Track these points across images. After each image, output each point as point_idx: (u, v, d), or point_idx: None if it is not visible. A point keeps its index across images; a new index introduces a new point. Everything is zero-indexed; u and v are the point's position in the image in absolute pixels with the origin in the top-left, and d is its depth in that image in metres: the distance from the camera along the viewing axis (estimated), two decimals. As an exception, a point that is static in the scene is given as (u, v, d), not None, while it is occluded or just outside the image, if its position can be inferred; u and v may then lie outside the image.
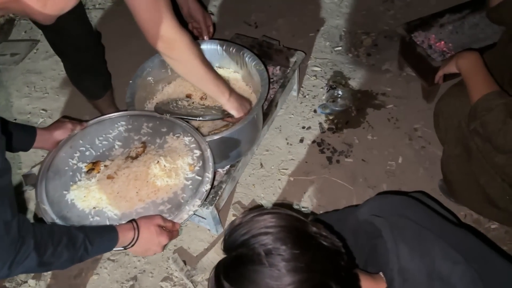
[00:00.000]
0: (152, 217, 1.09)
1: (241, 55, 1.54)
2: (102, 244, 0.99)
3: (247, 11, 2.33)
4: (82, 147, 1.28)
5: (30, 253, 0.83)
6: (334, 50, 2.09)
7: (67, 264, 0.93)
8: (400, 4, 2.26)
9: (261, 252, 0.65)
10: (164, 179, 1.18)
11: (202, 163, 1.23)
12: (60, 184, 1.20)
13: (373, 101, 1.88)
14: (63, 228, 0.95)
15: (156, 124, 1.33)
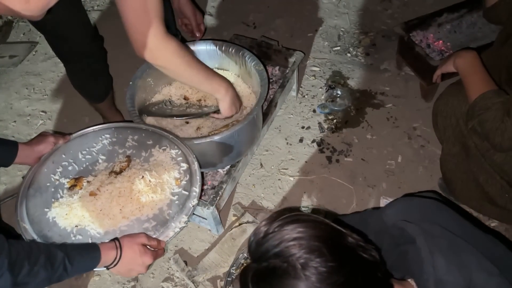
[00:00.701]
0: (136, 235, 1.05)
1: (241, 56, 1.54)
2: (83, 264, 0.95)
3: (245, 12, 2.33)
4: (65, 162, 1.24)
5: (3, 273, 0.80)
6: (333, 50, 2.10)
7: (45, 283, 0.89)
8: (398, 4, 2.27)
9: (296, 265, 0.62)
10: (149, 195, 1.13)
11: (189, 176, 1.19)
12: (41, 202, 1.16)
13: (372, 101, 1.89)
14: (42, 247, 0.90)
15: (142, 137, 1.29)
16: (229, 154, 1.44)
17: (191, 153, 1.25)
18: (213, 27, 2.28)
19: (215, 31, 2.25)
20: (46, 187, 1.19)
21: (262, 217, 1.57)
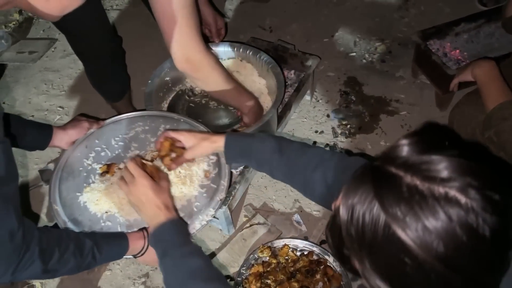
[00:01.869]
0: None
1: (258, 58, 1.56)
2: (111, 253, 0.97)
3: (262, 16, 2.35)
4: (98, 147, 1.26)
5: (34, 260, 0.82)
6: (348, 55, 2.11)
7: (73, 271, 0.92)
8: (415, 12, 2.27)
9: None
10: (178, 186, 1.14)
11: (218, 169, 1.19)
12: (73, 185, 1.18)
13: (386, 107, 1.89)
14: (72, 235, 0.93)
15: (173, 126, 1.30)
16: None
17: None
18: (230, 29, 2.30)
19: (231, 33, 2.27)
20: (78, 172, 1.21)
21: (273, 219, 1.58)
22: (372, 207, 0.53)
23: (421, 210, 0.49)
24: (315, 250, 1.41)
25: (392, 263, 0.52)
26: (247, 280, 1.36)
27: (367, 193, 0.54)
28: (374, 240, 0.53)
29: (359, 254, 0.56)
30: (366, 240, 0.54)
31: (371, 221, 0.53)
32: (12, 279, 0.81)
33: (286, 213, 1.61)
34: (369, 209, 0.53)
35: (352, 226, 0.55)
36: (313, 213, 1.60)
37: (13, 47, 2.36)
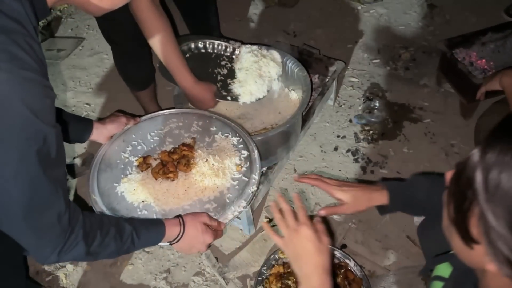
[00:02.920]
0: (198, 214, 1.09)
1: (284, 61, 1.58)
2: (149, 238, 0.99)
3: (286, 20, 2.37)
4: (135, 142, 1.30)
5: (78, 242, 0.85)
6: (372, 62, 2.11)
7: (113, 255, 0.94)
8: (440, 21, 2.27)
9: None
10: (211, 178, 1.18)
11: (249, 164, 1.22)
12: (111, 176, 1.22)
13: (410, 115, 1.89)
14: (112, 220, 0.95)
15: (206, 123, 1.35)
16: (268, 155, 1.47)
17: (252, 141, 1.29)
18: (255, 33, 2.33)
19: (256, 37, 2.30)
20: (116, 164, 1.25)
21: (294, 221, 1.58)
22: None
23: None
24: (336, 254, 1.41)
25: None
26: (268, 280, 1.37)
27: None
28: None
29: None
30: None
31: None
32: (58, 259, 0.84)
33: (307, 215, 1.61)
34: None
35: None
36: (334, 217, 1.60)
37: (42, 45, 2.42)
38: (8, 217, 0.76)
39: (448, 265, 0.84)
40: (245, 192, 1.17)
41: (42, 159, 0.72)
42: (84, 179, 1.80)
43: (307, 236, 0.89)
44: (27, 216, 0.76)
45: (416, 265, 1.43)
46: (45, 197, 0.77)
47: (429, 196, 0.98)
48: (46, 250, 0.82)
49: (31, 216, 0.76)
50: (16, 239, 0.81)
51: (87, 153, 1.88)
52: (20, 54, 0.67)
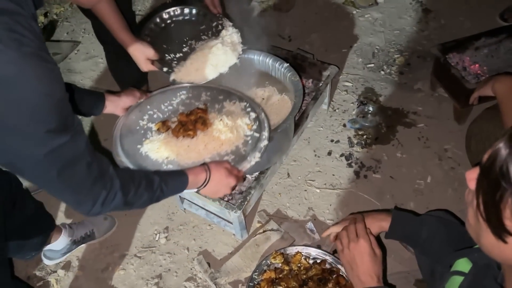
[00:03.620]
0: (221, 161, 1.22)
1: (277, 66, 1.58)
2: (175, 186, 1.10)
3: (281, 25, 2.37)
4: (150, 111, 1.40)
5: (117, 193, 0.93)
6: (367, 66, 2.11)
7: (146, 203, 1.05)
8: (434, 25, 2.27)
9: None
10: (227, 134, 1.30)
11: (258, 123, 1.34)
12: (133, 140, 1.32)
13: (403, 119, 1.88)
14: (141, 173, 1.06)
15: (214, 93, 1.45)
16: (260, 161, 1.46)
17: (258, 106, 1.40)
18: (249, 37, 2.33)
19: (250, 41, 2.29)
20: (136, 130, 1.35)
21: (287, 226, 1.58)
22: None
23: None
24: (328, 259, 1.41)
25: None
26: (259, 285, 1.36)
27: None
28: None
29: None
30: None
31: None
32: (101, 210, 0.92)
33: (299, 220, 1.61)
34: None
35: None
36: (327, 222, 1.60)
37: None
38: (46, 182, 0.84)
39: (467, 261, 0.88)
40: (258, 146, 1.29)
41: (60, 123, 0.77)
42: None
43: (365, 247, 1.04)
44: (60, 177, 0.82)
45: (409, 271, 1.43)
46: (70, 155, 0.82)
47: (433, 238, 1.09)
48: (88, 203, 0.90)
49: (63, 176, 0.83)
50: (60, 199, 0.94)
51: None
52: (26, 33, 0.71)
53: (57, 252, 1.52)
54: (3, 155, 0.78)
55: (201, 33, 1.57)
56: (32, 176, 0.84)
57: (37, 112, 0.73)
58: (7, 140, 0.74)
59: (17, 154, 0.77)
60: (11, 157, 0.78)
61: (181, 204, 1.63)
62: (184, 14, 1.62)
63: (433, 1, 2.38)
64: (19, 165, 0.80)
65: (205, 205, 1.52)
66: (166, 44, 1.53)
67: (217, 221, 1.57)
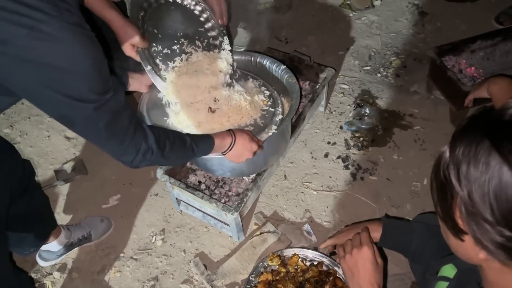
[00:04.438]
0: (243, 129, 1.34)
1: (274, 68, 1.58)
2: (204, 147, 1.19)
3: (278, 27, 2.38)
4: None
5: (154, 145, 1.02)
6: (363, 69, 2.12)
7: (179, 160, 1.20)
8: (430, 28, 2.28)
9: None
10: (247, 108, 1.42)
11: (272, 99, 1.49)
12: (159, 113, 1.42)
13: (400, 122, 1.89)
14: (174, 132, 1.15)
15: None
16: (257, 163, 1.46)
17: (270, 85, 1.55)
18: (247, 39, 2.34)
19: (248, 44, 2.31)
20: (161, 104, 1.45)
21: (284, 228, 1.58)
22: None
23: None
24: (324, 261, 1.41)
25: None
26: (256, 287, 1.36)
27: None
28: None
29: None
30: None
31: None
32: (143, 159, 1.01)
33: (296, 222, 1.61)
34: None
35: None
36: (324, 224, 1.60)
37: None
38: (95, 133, 0.93)
39: (452, 267, 0.91)
40: (274, 120, 1.43)
41: (104, 82, 0.87)
42: (73, 185, 1.79)
43: (369, 255, 1.04)
44: (107, 128, 0.91)
45: (405, 273, 1.43)
46: (114, 108, 0.91)
47: (423, 248, 1.11)
48: (132, 152, 0.99)
49: (110, 127, 0.92)
50: (106, 150, 1.00)
51: (77, 158, 1.87)
52: (70, 6, 0.79)
53: (53, 253, 1.51)
54: (57, 109, 0.87)
55: (197, 36, 1.43)
56: (82, 128, 0.93)
57: (86, 74, 0.82)
58: (61, 98, 0.82)
59: (70, 109, 0.86)
60: (64, 111, 0.87)
61: (177, 206, 1.63)
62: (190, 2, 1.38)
63: (429, 4, 2.39)
64: (72, 118, 0.89)
65: (202, 207, 1.52)
66: (157, 30, 1.40)
67: (214, 223, 1.56)
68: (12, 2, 0.73)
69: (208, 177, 1.62)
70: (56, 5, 0.76)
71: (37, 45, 0.75)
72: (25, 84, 0.81)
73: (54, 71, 0.79)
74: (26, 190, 1.29)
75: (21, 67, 0.78)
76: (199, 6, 1.36)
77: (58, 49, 0.77)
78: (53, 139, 1.96)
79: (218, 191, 1.59)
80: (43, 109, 0.90)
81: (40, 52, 0.76)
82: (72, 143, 1.94)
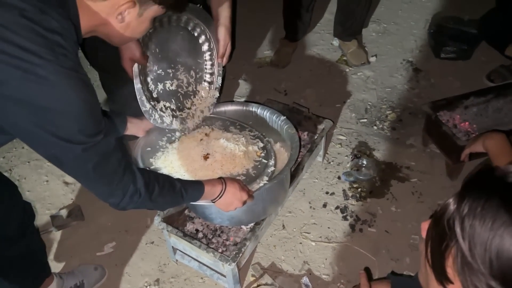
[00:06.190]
0: (234, 178, 1.34)
1: (274, 118, 1.62)
2: (193, 194, 1.19)
3: (278, 80, 2.46)
4: (169, 134, 1.53)
5: (142, 188, 1.02)
6: (360, 121, 2.18)
7: (168, 205, 1.18)
8: (424, 84, 2.37)
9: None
10: (240, 158, 1.44)
11: (266, 151, 1.50)
12: (152, 157, 1.45)
13: (397, 174, 1.91)
14: (165, 176, 1.16)
15: (226, 123, 1.61)
16: (255, 211, 1.46)
17: (264, 137, 1.57)
18: (247, 91, 2.41)
19: (248, 95, 2.38)
20: (156, 149, 1.48)
21: (281, 280, 1.54)
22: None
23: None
24: (323, 316, 1.37)
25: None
26: None
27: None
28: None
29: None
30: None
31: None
32: (130, 202, 1.01)
33: (294, 275, 1.57)
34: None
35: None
36: (323, 277, 1.56)
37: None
38: (83, 173, 0.96)
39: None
40: (266, 171, 1.43)
41: (95, 124, 0.89)
42: (68, 232, 1.76)
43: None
44: (95, 169, 0.93)
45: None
46: (103, 150, 0.93)
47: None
48: (119, 194, 1.00)
49: (98, 168, 0.93)
50: (93, 191, 1.00)
51: (73, 204, 1.86)
52: (68, 52, 0.83)
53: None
54: (47, 148, 0.90)
55: (193, 67, 1.51)
56: (70, 168, 0.95)
57: (76, 116, 0.84)
58: (51, 138, 0.85)
59: (59, 149, 0.88)
60: (54, 151, 0.89)
61: (173, 255, 1.60)
62: (192, 28, 1.47)
63: (423, 62, 2.50)
64: (61, 158, 0.91)
65: (199, 256, 1.49)
66: (159, 50, 1.43)
67: (210, 273, 1.53)
68: (11, 45, 0.77)
69: (206, 225, 1.61)
70: (53, 50, 0.80)
71: (30, 87, 0.79)
72: (18, 123, 0.84)
73: (45, 112, 0.81)
74: (24, 234, 1.27)
75: (14, 107, 0.81)
76: (207, 42, 1.48)
77: (51, 91, 0.80)
78: (51, 184, 1.96)
79: (216, 240, 1.57)
80: (33, 148, 0.91)
81: (33, 93, 0.79)
82: (70, 188, 1.93)
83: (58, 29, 0.82)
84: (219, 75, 1.56)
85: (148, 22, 1.00)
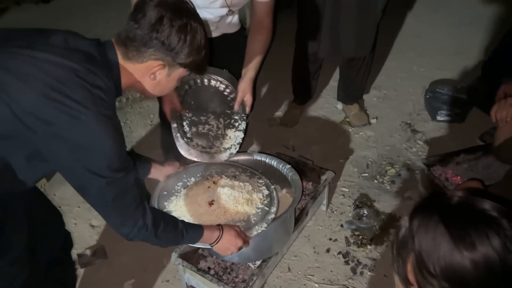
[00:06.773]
0: (232, 225, 1.46)
1: (281, 167, 1.83)
2: (193, 235, 1.33)
3: (286, 138, 2.70)
4: (185, 179, 1.69)
5: (149, 223, 1.16)
6: (361, 175, 2.36)
7: (169, 242, 1.29)
8: (422, 144, 2.58)
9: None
10: (243, 206, 1.56)
11: (269, 199, 1.61)
12: (167, 200, 1.59)
13: (396, 223, 2.06)
14: (171, 216, 1.33)
15: (239, 170, 1.76)
16: (262, 249, 1.61)
17: (271, 183, 1.70)
18: (258, 146, 2.65)
19: (259, 149, 2.60)
20: (172, 193, 1.63)
21: (286, 317, 1.64)
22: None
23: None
24: None
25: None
26: None
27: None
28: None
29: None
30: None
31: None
32: (137, 234, 1.15)
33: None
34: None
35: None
36: (324, 315, 1.66)
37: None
38: (102, 204, 1.11)
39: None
40: (266, 218, 1.53)
41: (120, 163, 1.07)
42: (92, 269, 1.92)
43: None
44: (113, 201, 1.09)
45: None
46: (123, 186, 1.10)
47: None
48: (129, 225, 1.14)
49: (116, 201, 1.09)
50: (107, 220, 1.16)
51: (98, 244, 2.03)
52: (107, 104, 1.06)
53: None
54: (77, 180, 1.08)
55: (222, 115, 1.83)
56: (93, 197, 1.11)
57: (106, 154, 1.03)
58: (82, 170, 1.03)
59: (87, 181, 1.06)
60: (83, 182, 1.07)
61: (186, 291, 1.73)
62: (218, 85, 1.84)
63: (420, 124, 2.72)
64: (88, 189, 1.08)
65: (207, 293, 1.62)
66: (193, 101, 1.80)
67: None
68: (64, 96, 0.98)
69: (217, 263, 1.76)
70: (96, 101, 1.01)
71: (73, 128, 0.99)
72: (58, 155, 1.03)
73: (81, 149, 1.00)
74: (63, 260, 1.44)
75: (57, 143, 1.00)
76: (233, 94, 1.82)
77: (89, 133, 1.00)
78: (79, 226, 2.15)
79: (226, 277, 1.71)
80: (66, 178, 1.09)
81: (74, 134, 0.99)
82: (96, 230, 2.12)
83: (102, 86, 1.05)
84: (243, 120, 1.85)
85: (175, 81, 1.25)
